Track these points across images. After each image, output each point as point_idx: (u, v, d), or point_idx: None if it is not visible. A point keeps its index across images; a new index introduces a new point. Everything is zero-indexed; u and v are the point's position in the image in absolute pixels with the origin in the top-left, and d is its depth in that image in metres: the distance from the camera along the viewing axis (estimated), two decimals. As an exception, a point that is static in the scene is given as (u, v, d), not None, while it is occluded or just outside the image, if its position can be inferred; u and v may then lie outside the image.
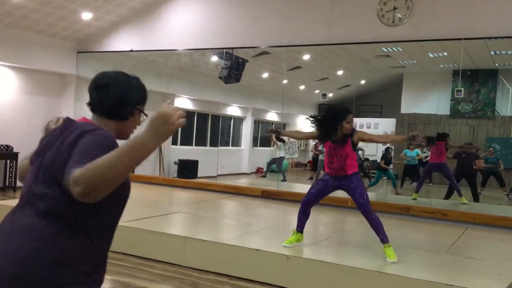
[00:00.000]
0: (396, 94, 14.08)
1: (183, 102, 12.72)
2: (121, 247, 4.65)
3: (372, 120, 15.27)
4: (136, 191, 2.29)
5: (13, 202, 2.89)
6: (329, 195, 4.84)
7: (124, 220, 1.92)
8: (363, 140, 4.55)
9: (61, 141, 1.57)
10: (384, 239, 4.31)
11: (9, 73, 9.14)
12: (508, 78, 12.44)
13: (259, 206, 7.48)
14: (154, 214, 5.86)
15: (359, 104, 14.84)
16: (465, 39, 6.77)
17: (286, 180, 12.64)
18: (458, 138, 11.35)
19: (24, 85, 9.43)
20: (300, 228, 4.64)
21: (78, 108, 10.05)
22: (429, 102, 12.77)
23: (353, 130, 4.45)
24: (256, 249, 4.53)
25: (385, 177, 10.62)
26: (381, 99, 15.85)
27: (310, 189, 4.68)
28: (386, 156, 10.54)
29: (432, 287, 3.73)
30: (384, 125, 14.87)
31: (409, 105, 13.35)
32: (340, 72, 14.20)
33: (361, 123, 15.07)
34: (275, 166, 13.54)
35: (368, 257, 4.45)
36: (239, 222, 6.07)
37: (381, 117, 15.59)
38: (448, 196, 8.41)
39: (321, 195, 4.61)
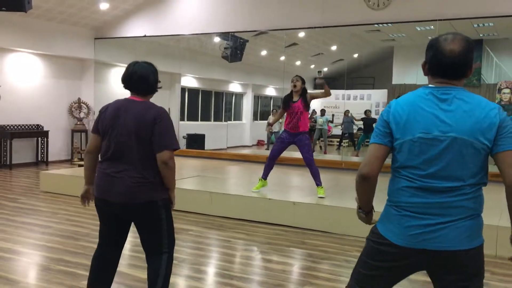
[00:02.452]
0: (387, 66, 14.92)
1: (189, 81, 13.72)
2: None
3: (365, 92, 16.16)
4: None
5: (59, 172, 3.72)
6: (326, 158, 6.03)
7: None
8: (313, 97, 5.84)
9: (140, 113, 2.62)
10: (318, 183, 5.76)
11: (36, 60, 10.15)
12: (493, 48, 13.27)
13: (265, 170, 8.64)
14: (180, 177, 7.01)
15: (352, 76, 15.70)
16: (439, 20, 7.83)
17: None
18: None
19: (49, 70, 10.44)
20: (265, 176, 6.05)
21: (97, 89, 11.09)
22: (419, 73, 13.63)
23: (305, 90, 5.75)
24: (269, 198, 5.72)
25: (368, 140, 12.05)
26: (373, 71, 16.69)
27: (273, 147, 6.09)
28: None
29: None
30: (376, 96, 15.77)
31: (400, 76, 14.20)
32: (333, 48, 14.89)
33: (354, 95, 16.02)
34: (273, 138, 14.62)
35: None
36: (250, 181, 7.24)
37: (373, 88, 16.48)
38: None
39: (281, 150, 5.95)
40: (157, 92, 2.84)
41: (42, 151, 10.21)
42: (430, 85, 1.81)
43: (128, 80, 2.74)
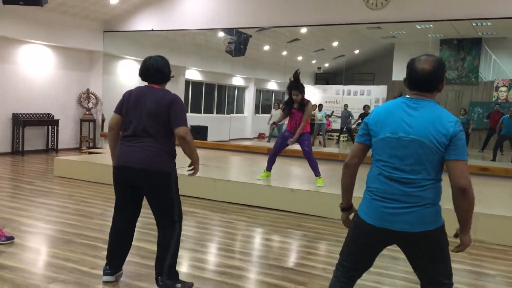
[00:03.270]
0: (387, 62, 15.25)
1: (193, 74, 14.12)
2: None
3: (365, 88, 16.52)
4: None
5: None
6: (324, 150, 6.45)
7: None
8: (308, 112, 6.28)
9: (158, 98, 3.07)
10: (316, 174, 6.26)
11: (48, 51, 10.56)
12: (491, 46, 13.60)
13: (265, 160, 9.08)
14: (184, 165, 7.42)
15: (353, 72, 16.05)
16: (434, 20, 8.23)
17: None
18: (444, 104, 12.63)
19: (60, 61, 10.86)
20: (269, 168, 6.58)
21: (105, 80, 11.51)
22: None
23: (305, 103, 6.20)
24: (270, 185, 6.17)
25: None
26: (373, 67, 17.01)
27: (276, 143, 6.60)
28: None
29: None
30: (376, 92, 16.12)
31: (400, 72, 14.49)
32: (335, 44, 15.19)
33: (354, 90, 16.38)
34: (275, 131, 15.02)
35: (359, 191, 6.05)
36: (252, 170, 7.68)
37: (373, 84, 16.83)
38: None
39: (283, 146, 6.48)
40: (170, 81, 3.29)
41: (53, 139, 10.65)
42: (407, 96, 2.23)
43: (146, 73, 3.20)
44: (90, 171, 7.36)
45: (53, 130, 10.62)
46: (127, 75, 12.20)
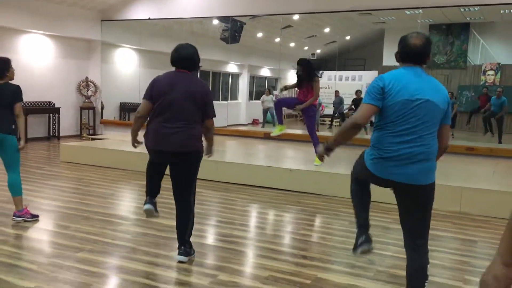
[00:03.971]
0: (378, 48, 15.57)
1: (189, 61, 14.34)
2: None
3: (356, 73, 16.85)
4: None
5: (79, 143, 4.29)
6: (322, 134, 6.84)
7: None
8: (312, 86, 6.61)
9: (195, 85, 3.39)
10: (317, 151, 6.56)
11: (47, 41, 10.78)
12: (479, 31, 13.98)
13: (262, 143, 9.48)
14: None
15: (344, 58, 16.35)
16: (423, 7, 8.58)
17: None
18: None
19: (59, 50, 11.08)
20: (280, 121, 6.96)
21: (103, 68, 11.75)
22: None
23: (314, 78, 6.55)
24: (268, 166, 6.55)
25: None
26: (364, 53, 17.32)
27: (285, 99, 7.04)
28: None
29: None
30: (366, 77, 16.44)
31: (390, 58, 14.72)
32: (326, 30, 15.44)
33: (346, 76, 16.72)
34: (269, 116, 15.34)
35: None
36: (249, 152, 8.05)
37: (364, 69, 17.16)
38: None
39: (288, 103, 6.99)
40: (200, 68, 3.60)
41: (54, 126, 10.92)
42: (404, 67, 2.53)
43: (177, 60, 3.43)
44: (96, 156, 7.68)
45: (54, 117, 10.89)
46: (124, 63, 12.45)
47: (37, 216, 4.45)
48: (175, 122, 3.31)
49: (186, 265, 3.44)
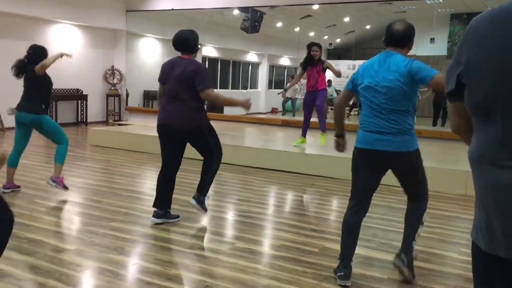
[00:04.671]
0: (398, 37, 15.65)
1: (209, 50, 14.75)
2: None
3: (375, 62, 16.98)
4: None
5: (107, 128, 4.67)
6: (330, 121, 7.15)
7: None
8: (327, 67, 6.85)
9: (184, 67, 3.78)
10: (323, 130, 6.94)
11: (76, 31, 11.29)
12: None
13: (280, 130, 9.82)
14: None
15: (364, 47, 16.49)
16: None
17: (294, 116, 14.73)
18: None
19: (86, 40, 11.58)
20: (304, 134, 7.29)
21: (128, 57, 12.22)
22: (427, 44, 14.15)
23: (322, 60, 6.81)
24: (285, 151, 6.90)
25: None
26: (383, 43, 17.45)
27: (304, 113, 7.21)
28: None
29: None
30: (385, 67, 16.57)
31: None
32: (346, 19, 15.60)
33: (365, 65, 16.86)
34: (288, 105, 15.65)
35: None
36: (267, 138, 8.41)
37: (383, 59, 17.27)
38: None
39: (310, 112, 7.18)
40: (198, 50, 4.00)
41: (82, 112, 11.47)
42: (385, 50, 2.90)
43: (175, 43, 3.94)
44: (122, 140, 8.15)
45: (82, 104, 11.42)
46: (148, 52, 12.90)
47: (67, 188, 4.91)
48: (175, 101, 3.83)
49: (207, 234, 3.85)
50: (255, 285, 2.92)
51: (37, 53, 4.82)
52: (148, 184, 5.91)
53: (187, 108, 3.80)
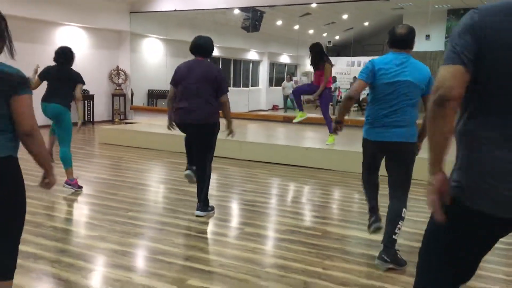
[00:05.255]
0: (396, 34, 15.89)
1: (211, 50, 15.00)
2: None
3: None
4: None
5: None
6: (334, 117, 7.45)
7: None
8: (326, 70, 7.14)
9: (207, 67, 4.11)
10: (330, 130, 7.13)
11: (81, 32, 11.60)
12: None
13: (281, 126, 10.14)
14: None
15: (362, 44, 16.75)
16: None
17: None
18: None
19: (92, 41, 11.89)
20: (300, 108, 7.55)
21: (132, 57, 12.53)
22: (425, 40, 14.38)
23: (324, 61, 7.08)
24: (286, 145, 7.22)
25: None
26: (382, 39, 17.58)
27: (303, 86, 7.62)
28: None
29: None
30: (384, 63, 16.83)
31: None
32: (345, 16, 15.83)
33: (364, 61, 17.07)
34: (289, 102, 15.93)
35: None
36: (269, 134, 8.72)
37: (382, 55, 17.51)
38: None
39: (305, 91, 7.58)
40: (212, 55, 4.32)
41: (89, 112, 11.78)
42: (392, 52, 3.19)
43: (193, 47, 4.21)
44: (130, 137, 8.48)
45: (89, 104, 11.74)
46: (152, 52, 13.20)
47: (81, 187, 5.21)
48: (195, 100, 4.07)
49: (217, 221, 4.18)
50: (264, 263, 3.25)
51: (68, 56, 5.35)
52: (159, 178, 6.24)
53: (208, 104, 4.05)
